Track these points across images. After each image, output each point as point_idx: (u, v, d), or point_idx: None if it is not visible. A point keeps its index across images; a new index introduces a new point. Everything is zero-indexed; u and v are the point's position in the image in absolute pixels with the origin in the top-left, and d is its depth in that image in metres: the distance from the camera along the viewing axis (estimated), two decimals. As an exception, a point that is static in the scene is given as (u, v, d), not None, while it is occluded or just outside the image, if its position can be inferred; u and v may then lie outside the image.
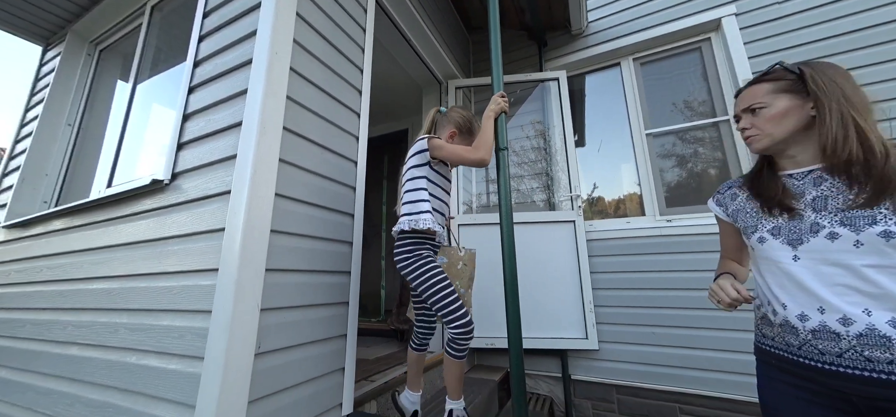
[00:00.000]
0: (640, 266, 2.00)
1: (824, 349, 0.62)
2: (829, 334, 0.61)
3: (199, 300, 0.95)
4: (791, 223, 0.67)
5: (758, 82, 0.74)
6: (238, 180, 0.98)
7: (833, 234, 0.62)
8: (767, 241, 0.69)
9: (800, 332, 0.64)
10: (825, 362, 0.62)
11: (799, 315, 0.64)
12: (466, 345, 1.03)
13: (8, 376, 1.37)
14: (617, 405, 1.93)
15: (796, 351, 0.65)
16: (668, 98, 2.25)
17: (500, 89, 1.21)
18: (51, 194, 1.89)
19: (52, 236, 1.51)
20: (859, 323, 0.59)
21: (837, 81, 0.65)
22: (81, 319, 1.23)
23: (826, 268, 0.62)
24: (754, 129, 0.73)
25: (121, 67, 2.12)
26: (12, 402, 1.30)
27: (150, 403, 0.95)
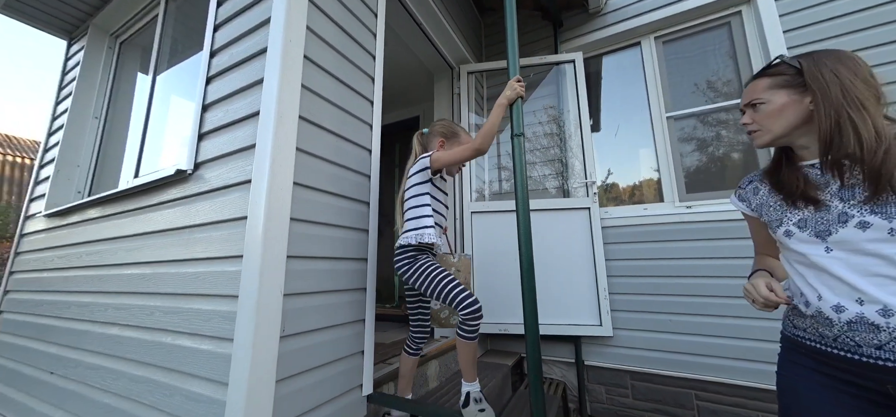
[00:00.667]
0: (658, 254, 1.95)
1: (861, 341, 0.60)
2: (868, 325, 0.59)
3: (226, 286, 0.99)
4: (818, 215, 0.65)
5: (759, 77, 0.73)
6: (258, 169, 1.00)
7: (863, 223, 0.60)
8: (795, 234, 0.68)
9: (835, 324, 0.63)
10: (863, 354, 0.60)
11: (834, 306, 0.63)
12: (476, 326, 1.06)
13: (59, 352, 1.49)
14: (631, 390, 1.93)
15: (831, 343, 0.64)
16: (691, 79, 2.14)
17: (515, 71, 1.18)
18: (84, 184, 1.98)
19: (88, 225, 1.60)
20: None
21: (838, 73, 0.63)
22: (120, 301, 1.31)
23: (859, 258, 0.61)
24: (755, 125, 0.73)
25: (140, 60, 2.17)
26: (65, 375, 1.42)
27: (187, 379, 1.02)
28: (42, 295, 1.71)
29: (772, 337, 1.64)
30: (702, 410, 1.77)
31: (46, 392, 1.46)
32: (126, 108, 2.08)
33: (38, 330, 1.64)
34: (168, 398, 1.04)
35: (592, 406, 2.00)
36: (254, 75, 1.13)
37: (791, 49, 1.79)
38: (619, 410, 1.94)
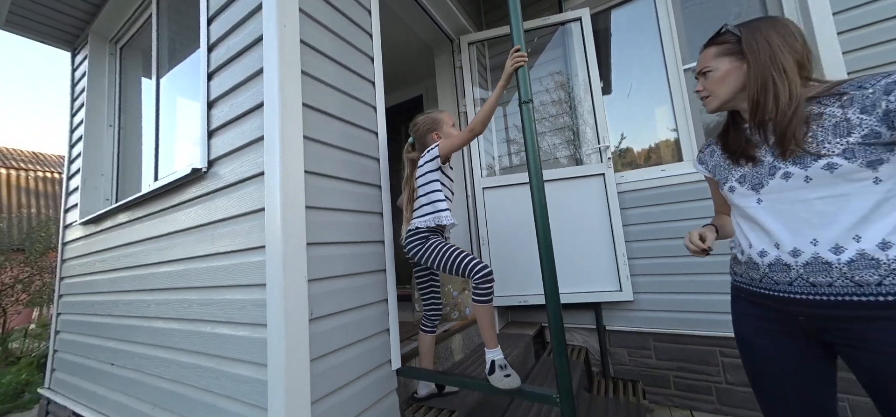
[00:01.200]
0: (678, 215, 1.89)
1: (778, 279, 0.69)
2: (782, 266, 0.68)
3: (253, 276, 1.04)
4: (754, 170, 0.73)
5: (708, 45, 0.79)
6: (269, 161, 1.01)
7: (787, 174, 0.67)
8: (736, 189, 0.76)
9: (760, 266, 0.72)
10: (779, 290, 0.69)
11: (760, 252, 0.72)
12: (489, 288, 1.13)
13: (116, 346, 1.63)
14: (654, 351, 1.94)
15: (758, 284, 0.73)
16: (711, 26, 1.96)
17: (519, 37, 1.11)
18: (110, 191, 2.08)
19: (121, 229, 1.69)
20: (806, 253, 0.65)
21: (770, 40, 0.69)
22: (160, 298, 1.40)
23: (783, 206, 0.68)
24: (706, 91, 0.80)
25: (141, 64, 2.18)
26: (124, 366, 1.56)
27: (230, 363, 1.09)
28: (92, 296, 1.85)
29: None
30: (726, 366, 1.77)
31: (111, 381, 1.61)
32: (136, 114, 2.12)
33: (94, 328, 1.79)
34: (216, 380, 1.12)
35: (615, 368, 2.03)
36: (253, 66, 1.11)
37: None
38: (642, 371, 1.96)
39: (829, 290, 0.63)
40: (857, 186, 0.61)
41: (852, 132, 0.61)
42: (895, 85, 0.58)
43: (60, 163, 7.59)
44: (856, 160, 0.60)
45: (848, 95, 0.63)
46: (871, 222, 0.60)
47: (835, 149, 0.62)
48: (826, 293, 0.63)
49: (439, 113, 1.37)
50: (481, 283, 1.13)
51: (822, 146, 0.63)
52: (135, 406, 1.44)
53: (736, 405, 1.74)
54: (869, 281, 0.60)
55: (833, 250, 0.63)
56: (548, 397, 1.00)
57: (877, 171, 0.60)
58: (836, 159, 0.62)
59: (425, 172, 1.27)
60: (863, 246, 0.60)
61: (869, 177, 0.60)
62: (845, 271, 0.61)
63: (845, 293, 0.62)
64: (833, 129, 0.63)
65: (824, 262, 0.63)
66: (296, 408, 0.91)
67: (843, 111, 0.63)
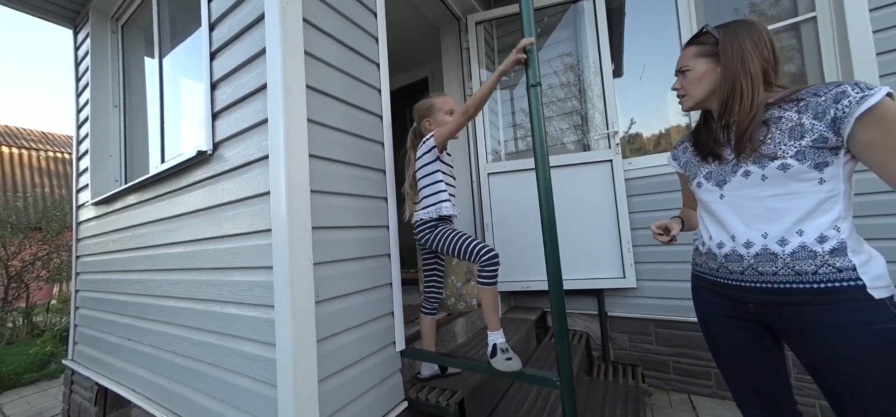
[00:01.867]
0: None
1: (732, 269, 0.75)
2: (736, 256, 0.74)
3: (260, 258, 1.05)
4: (720, 167, 0.77)
5: (689, 45, 0.82)
6: (273, 144, 1.00)
7: (747, 172, 0.72)
8: (702, 185, 0.80)
9: (718, 257, 0.78)
10: (732, 279, 0.76)
11: (718, 244, 0.78)
12: (494, 271, 1.16)
13: (132, 322, 1.69)
14: (654, 337, 1.96)
15: (715, 273, 0.80)
16: (731, 3, 1.87)
17: (529, 16, 1.06)
18: (119, 172, 2.10)
19: (131, 210, 1.72)
20: (757, 245, 0.71)
21: (744, 45, 0.72)
22: (171, 278, 1.44)
23: (742, 202, 0.73)
24: (683, 90, 0.83)
25: (144, 43, 2.16)
26: (140, 341, 1.62)
27: (239, 342, 1.13)
28: (107, 274, 1.91)
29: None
30: (727, 352, 1.78)
31: (130, 355, 1.68)
32: (140, 94, 2.12)
33: (111, 304, 1.86)
34: (227, 357, 1.17)
35: (615, 353, 2.06)
36: (255, 46, 1.09)
37: None
38: (642, 356, 1.99)
39: (773, 278, 0.69)
40: (804, 185, 0.67)
41: (805, 136, 0.66)
42: (843, 95, 0.63)
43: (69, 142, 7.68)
44: (806, 162, 0.66)
45: (804, 100, 0.68)
46: (813, 218, 0.66)
47: (789, 151, 0.67)
48: (771, 281, 0.70)
49: (436, 98, 1.34)
50: (486, 266, 1.15)
51: (779, 148, 0.68)
52: (152, 380, 1.51)
53: (734, 391, 1.77)
54: (806, 270, 0.66)
55: (779, 243, 0.69)
56: (548, 380, 1.02)
57: (822, 172, 0.66)
58: (789, 160, 0.67)
59: (423, 163, 1.28)
60: (804, 240, 0.67)
61: (815, 177, 0.66)
62: (788, 261, 0.68)
63: (787, 281, 0.68)
64: (789, 132, 0.68)
65: (771, 253, 0.69)
66: (303, 385, 0.94)
67: (798, 116, 0.68)
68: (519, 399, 1.46)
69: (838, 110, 0.63)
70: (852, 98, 0.62)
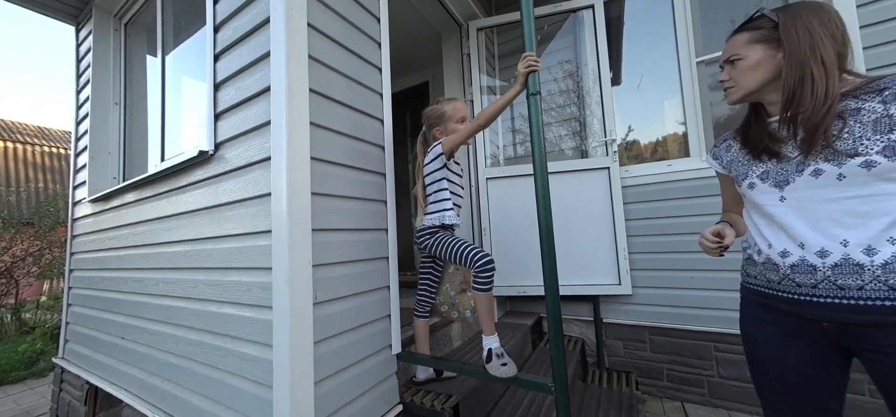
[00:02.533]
0: (681, 211, 1.89)
1: (801, 281, 0.65)
2: (807, 267, 0.64)
3: (259, 259, 1.06)
4: (779, 166, 0.69)
5: (739, 31, 0.74)
6: (275, 146, 1.01)
7: (817, 171, 0.63)
8: (757, 186, 0.72)
9: (780, 268, 0.68)
10: (801, 293, 0.65)
11: (781, 252, 0.68)
12: (489, 277, 1.16)
13: (126, 321, 1.68)
14: (649, 344, 1.98)
15: (776, 286, 0.69)
16: (727, 14, 1.91)
17: (530, 24, 1.08)
18: (117, 169, 2.10)
19: (129, 208, 1.72)
20: (835, 254, 0.62)
21: (811, 28, 0.64)
22: (167, 276, 1.44)
23: (810, 205, 0.64)
24: (730, 81, 0.75)
25: (147, 41, 2.16)
26: (134, 340, 1.61)
27: (236, 342, 1.13)
28: (102, 272, 1.90)
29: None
30: (720, 360, 1.80)
31: (122, 354, 1.67)
32: (142, 92, 2.12)
33: (105, 302, 1.84)
34: (222, 358, 1.17)
35: (610, 359, 2.07)
36: (260, 49, 1.10)
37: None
38: (636, 362, 2.00)
39: (859, 294, 0.60)
40: (892, 186, 0.58)
41: (894, 129, 0.57)
42: None
43: (66, 138, 7.61)
44: (895, 159, 0.57)
45: (890, 90, 0.59)
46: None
47: (873, 146, 0.58)
48: (855, 297, 0.60)
49: (447, 104, 1.34)
50: (482, 272, 1.16)
51: (860, 143, 0.59)
52: (145, 379, 1.50)
53: (726, 398, 1.79)
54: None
55: (866, 252, 0.59)
56: (543, 385, 1.03)
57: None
58: (874, 157, 0.58)
59: (430, 170, 1.29)
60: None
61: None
62: (879, 273, 0.58)
63: (878, 298, 0.58)
64: (873, 125, 0.59)
65: (856, 264, 0.59)
66: (300, 387, 0.95)
67: (885, 107, 0.58)
68: (513, 403, 1.46)
69: None
70: None
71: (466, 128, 1.22)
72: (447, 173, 1.29)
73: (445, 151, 1.25)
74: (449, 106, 1.33)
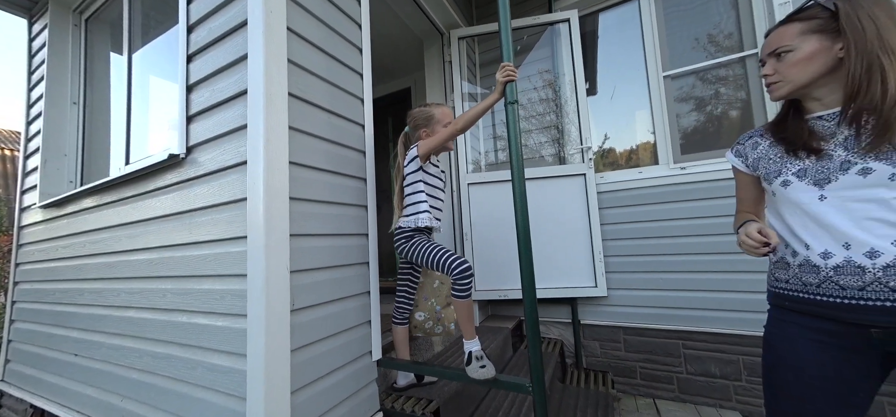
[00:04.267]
0: (651, 216, 2.00)
1: (846, 284, 0.62)
2: (854, 269, 0.61)
3: (233, 266, 1.03)
4: (819, 164, 0.66)
5: (789, 22, 0.69)
6: (252, 150, 0.99)
7: (866, 169, 0.61)
8: (792, 184, 0.68)
9: (821, 270, 0.64)
10: (845, 296, 0.62)
11: (822, 253, 0.64)
12: (469, 284, 1.17)
13: (81, 336, 1.55)
14: (623, 344, 2.06)
15: (815, 290, 0.66)
16: (691, 33, 2.07)
17: (508, 35, 1.13)
18: (74, 173, 1.95)
19: (87, 214, 1.60)
20: (887, 255, 0.59)
21: (875, 17, 0.61)
22: (131, 286, 1.35)
23: (856, 204, 0.62)
24: (777, 75, 0.70)
25: (110, 37, 2.05)
26: (90, 356, 1.49)
27: (206, 353, 1.09)
28: (54, 284, 1.75)
29: (752, 288, 1.74)
30: (688, 357, 1.91)
31: (75, 372, 1.54)
32: (104, 91, 2.00)
33: (56, 317, 1.70)
34: (191, 370, 1.11)
35: (588, 360, 2.14)
36: (237, 51, 1.08)
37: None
38: (612, 362, 2.08)
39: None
40: None
41: None
42: None
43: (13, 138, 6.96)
44: None
45: None
46: None
47: None
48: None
49: (436, 108, 1.34)
50: (460, 279, 1.17)
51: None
52: (101, 398, 1.39)
53: (693, 393, 1.89)
54: None
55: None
56: (521, 386, 1.06)
57: None
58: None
59: (408, 172, 1.30)
60: None
61: None
62: None
63: None
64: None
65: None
66: (275, 398, 0.92)
67: None
68: (494, 406, 1.48)
69: None
70: None
71: (443, 132, 1.23)
72: (423, 175, 1.28)
73: (421, 154, 1.26)
74: (438, 110, 1.34)
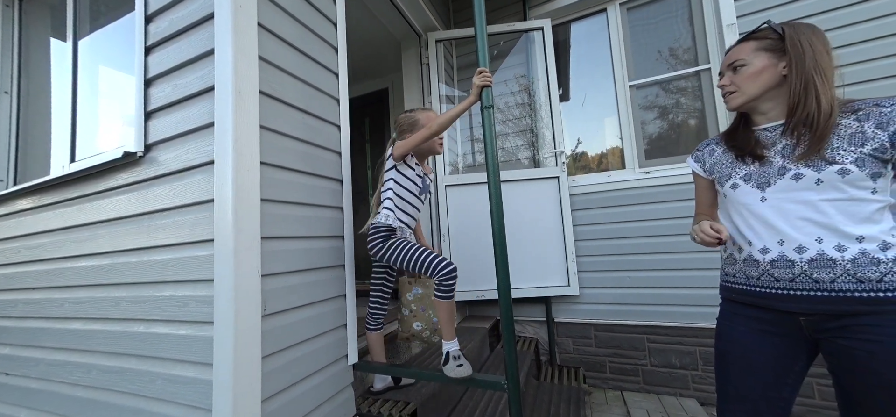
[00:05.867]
0: (619, 217, 2.12)
1: (779, 276, 0.71)
2: (786, 262, 0.71)
3: (199, 271, 0.97)
4: (761, 169, 0.75)
5: (746, 40, 0.79)
6: (220, 149, 0.94)
7: (798, 175, 0.70)
8: (740, 187, 0.78)
9: (760, 264, 0.74)
10: (779, 288, 0.72)
11: (761, 249, 0.74)
12: (452, 285, 1.17)
13: (13, 352, 1.39)
14: (594, 340, 2.17)
15: (755, 282, 0.75)
16: (654, 46, 2.23)
17: (483, 40, 1.16)
18: (5, 171, 1.74)
19: (21, 216, 1.44)
20: (811, 250, 0.68)
21: (813, 45, 0.71)
22: (77, 296, 1.24)
23: (789, 205, 0.71)
24: (733, 86, 0.79)
25: (50, 21, 1.85)
26: (25, 374, 1.34)
27: (167, 364, 1.02)
28: (-22, 296, 1.55)
29: (707, 284, 1.90)
30: (652, 351, 2.04)
31: (5, 393, 1.38)
32: (43, 81, 1.80)
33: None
34: (150, 384, 1.03)
35: (561, 356, 2.23)
36: (202, 46, 1.03)
37: (740, 18, 1.91)
38: (584, 358, 2.18)
39: (831, 286, 0.66)
40: (861, 192, 0.66)
41: (866, 143, 0.66)
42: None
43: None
44: (864, 169, 0.66)
45: (864, 110, 0.68)
46: (871, 225, 0.66)
47: (848, 157, 0.67)
48: (828, 289, 0.67)
49: (421, 114, 1.33)
50: (445, 280, 1.16)
51: (837, 153, 0.67)
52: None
53: (657, 383, 2.03)
54: (870, 278, 0.64)
55: (837, 248, 0.66)
56: (497, 384, 1.08)
57: (875, 182, 0.66)
58: (849, 166, 0.66)
59: (385, 171, 1.29)
60: (865, 246, 0.65)
61: (870, 187, 0.66)
62: (849, 267, 0.65)
63: (847, 289, 0.65)
64: (849, 138, 0.67)
65: (829, 259, 0.66)
66: (245, 407, 0.88)
67: (859, 124, 0.68)
68: (471, 406, 1.50)
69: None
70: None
71: (418, 134, 1.21)
72: (396, 174, 1.27)
73: (395, 155, 1.26)
74: (422, 115, 1.32)
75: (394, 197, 1.25)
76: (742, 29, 1.90)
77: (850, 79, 1.69)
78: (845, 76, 1.61)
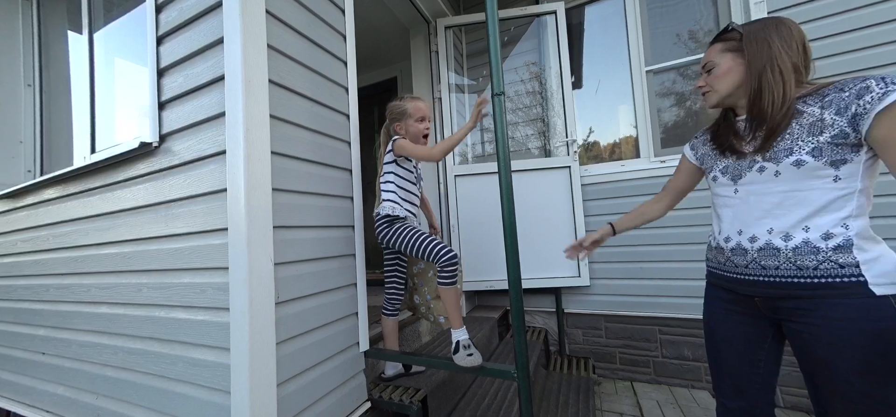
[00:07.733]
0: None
1: (738, 262, 0.77)
2: (741, 250, 0.76)
3: (214, 259, 0.99)
4: (737, 163, 0.78)
5: (714, 42, 0.82)
6: (231, 139, 0.95)
7: (762, 168, 0.74)
8: (719, 179, 0.83)
9: (725, 251, 0.80)
10: (737, 272, 0.78)
11: (725, 238, 0.80)
12: (455, 271, 1.20)
13: (48, 334, 1.47)
14: (604, 331, 2.15)
15: (722, 266, 0.82)
16: (673, 29, 2.12)
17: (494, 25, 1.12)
18: (33, 162, 1.82)
19: (49, 205, 1.50)
20: (761, 240, 0.73)
21: (771, 40, 0.72)
22: (103, 281, 1.29)
23: (753, 197, 0.75)
24: (707, 86, 0.83)
25: (67, 15, 1.89)
26: (59, 354, 1.42)
27: (187, 348, 1.06)
28: (13, 280, 1.64)
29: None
30: (663, 342, 2.02)
31: (43, 372, 1.47)
32: (63, 74, 1.85)
33: (17, 314, 1.60)
34: (172, 366, 1.08)
35: (570, 347, 2.22)
36: (212, 34, 1.03)
37: None
38: (593, 348, 2.17)
39: (776, 272, 0.71)
40: (818, 182, 0.67)
41: (824, 132, 0.66)
42: (866, 91, 0.62)
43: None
44: (822, 159, 0.65)
45: (829, 96, 0.67)
46: (821, 215, 0.67)
47: (805, 147, 0.67)
48: (773, 276, 0.71)
49: (409, 102, 1.36)
50: (446, 266, 1.19)
51: (795, 144, 0.68)
52: (74, 397, 1.33)
53: (669, 375, 2.00)
54: (807, 265, 0.67)
55: (783, 238, 0.70)
56: (507, 373, 1.09)
57: (838, 170, 0.65)
58: (804, 157, 0.67)
59: (385, 162, 1.34)
60: (808, 236, 0.68)
61: (830, 175, 0.66)
62: (790, 256, 0.69)
63: (789, 276, 0.69)
64: (808, 128, 0.67)
65: (774, 248, 0.71)
66: (260, 390, 0.91)
67: (820, 111, 0.67)
68: (480, 393, 1.52)
69: (860, 106, 0.62)
70: (875, 94, 0.60)
71: (422, 151, 1.25)
72: (395, 168, 1.33)
73: (396, 153, 1.30)
74: (411, 104, 1.35)
75: (397, 189, 1.30)
76: (770, 8, 1.79)
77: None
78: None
